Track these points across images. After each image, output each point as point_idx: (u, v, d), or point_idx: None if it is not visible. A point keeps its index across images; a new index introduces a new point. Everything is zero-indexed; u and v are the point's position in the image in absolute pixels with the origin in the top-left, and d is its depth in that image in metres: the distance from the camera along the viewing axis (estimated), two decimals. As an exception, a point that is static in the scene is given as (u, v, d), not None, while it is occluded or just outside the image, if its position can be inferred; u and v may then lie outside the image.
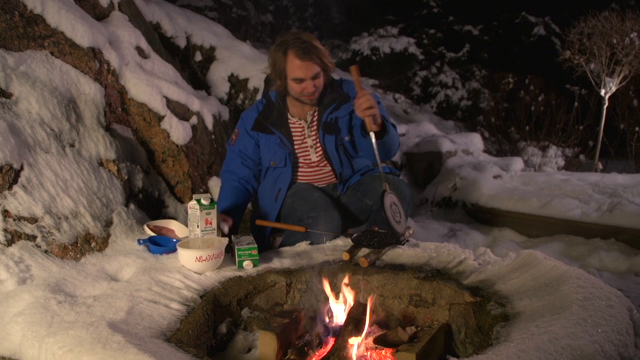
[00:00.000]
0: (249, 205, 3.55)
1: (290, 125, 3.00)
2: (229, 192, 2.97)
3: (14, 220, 2.23)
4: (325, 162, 3.03)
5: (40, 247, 2.26)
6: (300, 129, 3.00)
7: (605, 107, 6.77)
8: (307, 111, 2.99)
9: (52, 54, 2.98)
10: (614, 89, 6.66)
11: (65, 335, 1.62)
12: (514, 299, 1.93)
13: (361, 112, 2.54)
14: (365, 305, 2.04)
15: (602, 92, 6.72)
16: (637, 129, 7.49)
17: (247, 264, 2.36)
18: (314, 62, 2.73)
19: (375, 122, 2.58)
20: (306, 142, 3.00)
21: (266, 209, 2.99)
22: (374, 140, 2.57)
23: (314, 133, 2.99)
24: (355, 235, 2.57)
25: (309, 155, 3.02)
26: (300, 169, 3.04)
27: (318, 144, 2.99)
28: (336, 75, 3.10)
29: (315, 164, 3.03)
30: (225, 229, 2.70)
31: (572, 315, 1.62)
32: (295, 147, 3.00)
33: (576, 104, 8.29)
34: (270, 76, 2.97)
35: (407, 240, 2.61)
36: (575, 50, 6.86)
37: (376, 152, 2.58)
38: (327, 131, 2.95)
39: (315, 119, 2.99)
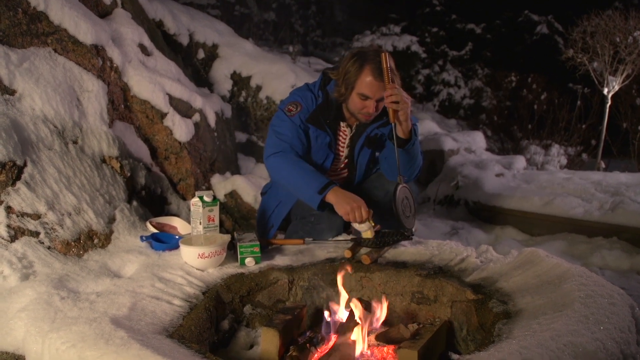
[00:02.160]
0: (258, 198, 3.53)
1: (339, 130, 2.93)
2: (306, 163, 2.74)
3: (17, 216, 2.24)
4: (346, 170, 3.02)
5: (43, 243, 2.27)
6: (345, 136, 2.94)
7: (608, 105, 6.74)
8: (354, 121, 2.90)
9: (55, 51, 2.98)
10: (617, 87, 6.64)
11: (69, 331, 1.63)
12: (516, 296, 1.93)
13: (387, 104, 2.55)
14: (368, 302, 2.05)
15: (605, 90, 6.70)
16: (639, 128, 7.47)
17: (249, 260, 2.36)
18: None
19: (400, 121, 2.59)
20: (343, 151, 2.96)
21: (281, 199, 2.98)
22: (395, 130, 2.58)
23: (350, 143, 2.95)
24: (359, 236, 2.55)
25: (339, 161, 2.99)
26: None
27: (348, 154, 2.96)
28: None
29: (339, 170, 3.01)
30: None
31: (574, 312, 1.62)
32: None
33: (579, 102, 8.27)
34: (327, 71, 2.87)
35: (413, 234, 2.59)
36: (578, 48, 6.83)
37: (396, 150, 2.59)
38: (368, 145, 2.91)
39: (356, 129, 2.93)
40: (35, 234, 2.26)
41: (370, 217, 2.53)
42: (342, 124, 2.90)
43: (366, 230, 2.52)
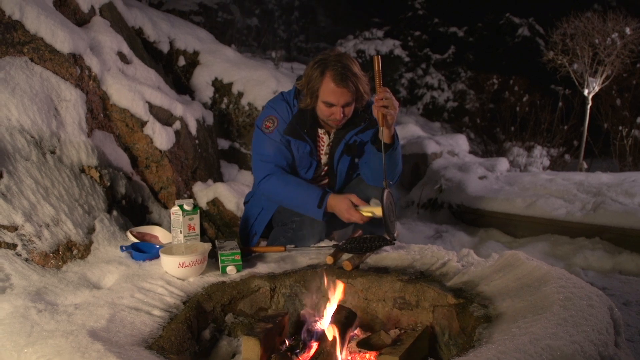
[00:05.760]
0: (241, 205, 3.52)
1: (317, 137, 2.93)
2: (296, 179, 2.80)
3: (-6, 228, 2.21)
4: (326, 178, 3.01)
5: (20, 255, 2.23)
6: (323, 143, 2.94)
7: (588, 106, 6.82)
8: (330, 127, 2.90)
9: (31, 60, 2.95)
10: (597, 88, 6.71)
11: (45, 345, 1.60)
12: (497, 300, 1.94)
13: (377, 108, 2.52)
14: (349, 309, 2.04)
15: (586, 92, 6.77)
16: (620, 128, 7.55)
17: (230, 269, 2.35)
18: (349, 90, 2.62)
19: (387, 125, 2.57)
20: (321, 158, 2.96)
21: (263, 206, 2.96)
22: (381, 135, 2.58)
23: (329, 150, 2.94)
24: (341, 243, 2.54)
25: (319, 169, 2.98)
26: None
27: (327, 161, 2.96)
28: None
29: (319, 178, 3.00)
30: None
31: (553, 315, 1.62)
32: None
33: (560, 104, 8.36)
34: (300, 82, 2.82)
35: (396, 239, 2.59)
36: (559, 50, 6.91)
37: (383, 155, 2.57)
38: (347, 152, 2.90)
39: (334, 136, 2.92)
40: (12, 246, 2.23)
41: (364, 207, 2.61)
42: (319, 130, 2.89)
43: (374, 214, 2.59)
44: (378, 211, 2.53)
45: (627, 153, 7.44)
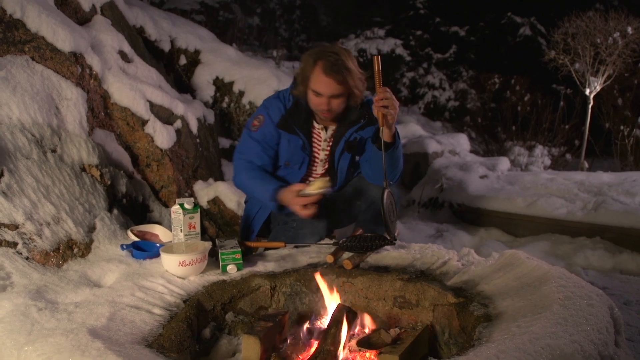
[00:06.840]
0: (241, 204, 3.54)
1: (313, 132, 2.92)
2: (261, 173, 2.85)
3: (-6, 227, 2.21)
4: (328, 176, 3.01)
5: (21, 253, 2.23)
6: (319, 138, 2.93)
7: (590, 106, 6.81)
8: (328, 123, 2.89)
9: (32, 59, 2.95)
10: (598, 88, 6.71)
11: (45, 343, 1.61)
12: (497, 299, 1.94)
13: (377, 108, 2.51)
14: (349, 307, 2.04)
15: (587, 91, 6.76)
16: (621, 127, 7.54)
17: (231, 268, 2.35)
18: (337, 82, 2.61)
19: (388, 125, 2.57)
20: (319, 153, 2.95)
21: (262, 204, 2.96)
22: (382, 134, 2.57)
23: (328, 147, 2.93)
24: (342, 241, 2.54)
25: (317, 165, 2.99)
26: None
27: (327, 159, 2.96)
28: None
29: (319, 176, 3.00)
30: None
31: (553, 314, 1.62)
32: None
33: (562, 103, 8.35)
34: (297, 69, 2.84)
35: (397, 239, 2.59)
36: (560, 50, 6.90)
37: (383, 154, 2.56)
38: (348, 149, 2.90)
39: (334, 133, 2.91)
40: (13, 245, 2.23)
41: (307, 188, 2.60)
42: (315, 125, 2.89)
43: (318, 188, 2.58)
44: (321, 182, 2.56)
45: (628, 153, 7.43)
